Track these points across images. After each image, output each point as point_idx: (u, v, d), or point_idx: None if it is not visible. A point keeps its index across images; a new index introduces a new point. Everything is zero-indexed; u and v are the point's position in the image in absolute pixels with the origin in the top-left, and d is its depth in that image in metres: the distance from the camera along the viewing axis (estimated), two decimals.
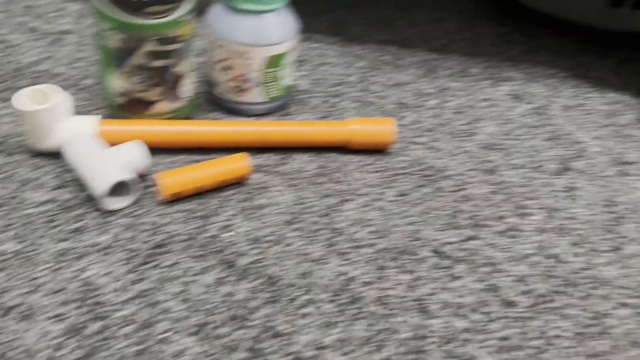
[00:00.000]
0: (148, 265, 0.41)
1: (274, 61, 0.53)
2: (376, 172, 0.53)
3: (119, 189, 0.45)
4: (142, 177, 0.48)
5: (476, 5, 0.84)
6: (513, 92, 0.67)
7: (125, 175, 0.44)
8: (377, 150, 0.55)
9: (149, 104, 0.50)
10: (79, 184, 0.47)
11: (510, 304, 0.42)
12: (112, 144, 0.47)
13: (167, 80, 0.49)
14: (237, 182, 0.48)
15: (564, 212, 0.51)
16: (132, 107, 0.50)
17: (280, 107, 0.58)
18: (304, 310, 0.40)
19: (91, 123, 0.48)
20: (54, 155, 0.49)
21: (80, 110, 0.55)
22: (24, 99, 0.45)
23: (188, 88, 0.52)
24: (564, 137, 0.61)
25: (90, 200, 0.46)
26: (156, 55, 0.47)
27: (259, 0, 0.50)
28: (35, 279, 0.40)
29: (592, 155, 0.59)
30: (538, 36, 0.78)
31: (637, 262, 0.47)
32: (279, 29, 0.52)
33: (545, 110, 0.64)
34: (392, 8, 0.81)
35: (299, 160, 0.53)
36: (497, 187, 0.53)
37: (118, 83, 0.49)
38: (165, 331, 0.37)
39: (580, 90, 0.69)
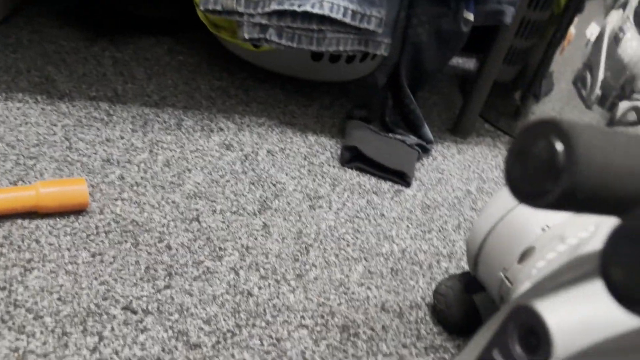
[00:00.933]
0: None
1: None
2: (70, 234, 0.52)
3: None
4: None
5: (196, 61, 0.89)
6: (224, 141, 0.72)
7: None
8: (74, 211, 0.54)
9: None
10: None
11: (195, 346, 0.45)
12: None
13: None
14: None
15: (258, 249, 0.56)
16: None
17: None
18: None
19: None
20: None
21: None
22: None
23: None
24: (267, 179, 0.67)
25: None
26: None
27: None
28: None
29: (289, 193, 0.66)
30: (251, 88, 0.86)
31: (317, 286, 0.54)
32: None
33: (252, 156, 0.71)
34: (108, 64, 0.81)
35: None
36: (198, 234, 0.56)
37: None
38: None
39: (285, 136, 0.77)
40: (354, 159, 0.73)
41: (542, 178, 0.19)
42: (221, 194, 0.62)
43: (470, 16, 0.74)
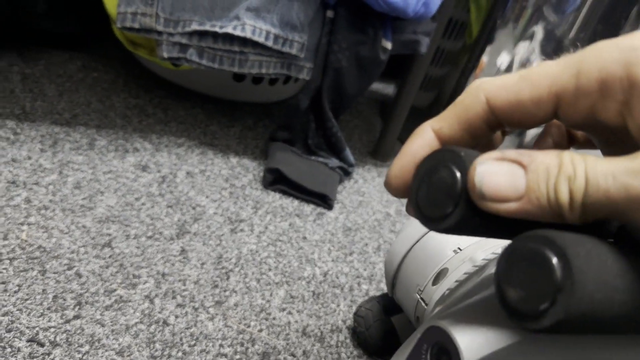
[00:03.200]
0: None
1: None
2: None
3: None
4: None
5: (111, 78, 0.86)
6: (140, 162, 0.69)
7: None
8: None
9: None
10: None
11: None
12: None
13: None
14: None
15: (175, 275, 0.54)
16: None
17: None
18: None
19: None
20: None
21: None
22: None
23: None
24: (185, 202, 0.65)
25: None
26: None
27: None
28: None
29: (209, 216, 0.64)
30: (170, 107, 0.84)
31: (237, 312, 0.53)
32: None
33: (170, 178, 0.69)
34: (16, 80, 0.77)
35: None
36: (110, 261, 0.53)
37: None
38: None
39: (205, 157, 0.76)
40: (276, 181, 0.73)
41: (443, 203, 0.20)
42: (136, 217, 0.60)
43: (388, 45, 0.77)
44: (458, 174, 0.20)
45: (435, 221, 0.20)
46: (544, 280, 0.17)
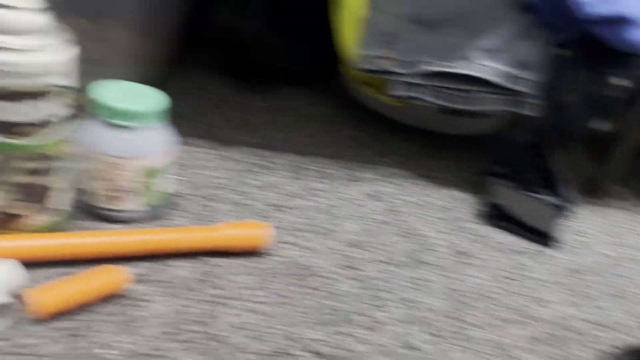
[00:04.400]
0: None
1: (149, 172, 0.55)
2: (250, 274, 0.56)
3: None
4: (17, 296, 0.46)
5: (334, 112, 0.94)
6: (368, 192, 0.75)
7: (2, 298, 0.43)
8: (255, 252, 0.59)
9: (16, 217, 0.50)
10: None
11: None
12: None
13: (37, 195, 0.50)
14: (113, 295, 0.49)
15: (417, 303, 0.58)
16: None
17: (157, 214, 0.60)
18: None
19: None
20: None
21: None
22: None
23: (61, 202, 0.52)
24: (412, 231, 0.69)
25: None
26: (25, 172, 0.48)
27: (131, 117, 0.53)
28: None
29: (434, 247, 0.68)
30: (387, 140, 0.90)
31: (478, 346, 0.54)
32: (153, 143, 0.55)
33: (395, 207, 0.73)
34: (254, 111, 0.88)
35: (174, 267, 0.54)
36: (362, 283, 0.59)
37: None
38: None
39: (425, 189, 0.79)
40: (496, 216, 0.74)
41: None
42: (373, 243, 0.65)
43: (620, 82, 0.74)
44: None
45: None
46: None
